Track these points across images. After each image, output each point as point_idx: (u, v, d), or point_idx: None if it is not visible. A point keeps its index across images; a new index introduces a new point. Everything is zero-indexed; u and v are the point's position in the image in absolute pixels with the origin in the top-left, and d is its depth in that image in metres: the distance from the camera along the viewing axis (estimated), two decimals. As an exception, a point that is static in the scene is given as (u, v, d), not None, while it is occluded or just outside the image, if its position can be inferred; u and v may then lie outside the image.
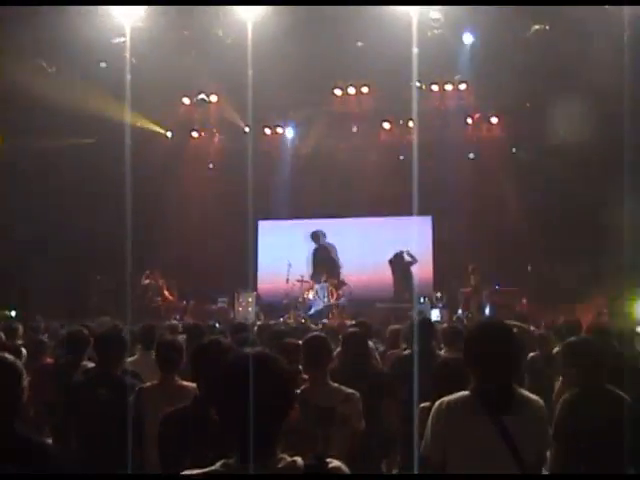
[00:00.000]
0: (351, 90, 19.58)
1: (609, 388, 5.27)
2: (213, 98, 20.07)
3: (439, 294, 19.50)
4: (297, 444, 5.18)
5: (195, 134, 21.77)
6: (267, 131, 21.33)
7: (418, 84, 18.01)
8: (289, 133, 21.53)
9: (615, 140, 16.30)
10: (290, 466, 2.66)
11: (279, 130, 21.41)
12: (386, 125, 20.66)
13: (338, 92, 19.64)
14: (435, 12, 15.45)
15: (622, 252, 15.31)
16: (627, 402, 5.17)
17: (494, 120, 20.20)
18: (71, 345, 7.83)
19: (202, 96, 19.91)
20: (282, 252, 20.49)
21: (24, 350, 9.37)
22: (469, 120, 20.36)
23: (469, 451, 3.86)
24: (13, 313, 17.60)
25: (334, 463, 2.71)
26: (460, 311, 18.10)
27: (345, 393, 5.54)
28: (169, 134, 21.40)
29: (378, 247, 20.22)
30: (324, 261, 20.66)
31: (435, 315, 17.97)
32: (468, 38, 16.77)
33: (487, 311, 18.01)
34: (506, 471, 3.79)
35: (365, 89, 19.53)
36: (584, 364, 5.27)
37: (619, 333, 8.20)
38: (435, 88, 19.19)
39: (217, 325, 12.10)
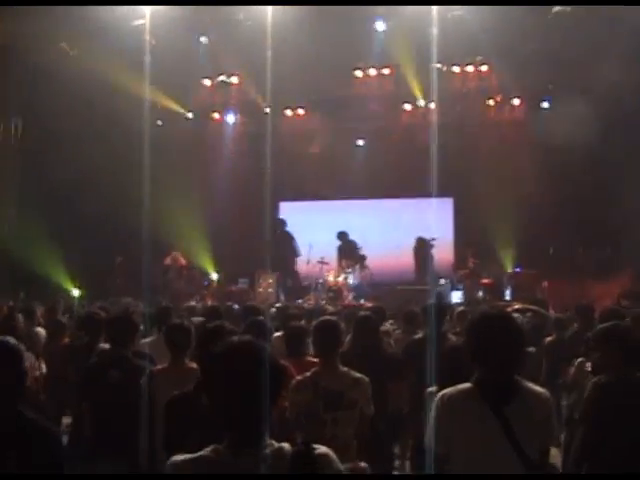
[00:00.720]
0: (372, 72, 19.49)
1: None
2: (234, 80, 20.06)
3: (460, 276, 19.39)
4: (307, 426, 5.31)
5: (216, 116, 21.79)
6: (288, 112, 21.32)
7: (439, 65, 17.95)
8: (310, 115, 21.46)
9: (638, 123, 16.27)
10: (277, 452, 2.71)
11: (300, 111, 21.37)
12: (407, 107, 20.56)
13: (359, 74, 19.56)
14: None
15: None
16: None
17: (516, 102, 20.04)
18: (87, 327, 7.97)
19: (223, 78, 19.90)
20: (303, 233, 20.49)
21: (43, 331, 9.57)
22: (491, 102, 20.21)
23: (471, 444, 3.83)
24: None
25: (321, 449, 2.76)
26: (481, 293, 18.07)
27: (354, 377, 5.58)
28: (190, 115, 21.38)
29: (400, 229, 20.16)
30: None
31: (457, 297, 17.96)
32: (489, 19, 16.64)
33: (507, 294, 17.98)
34: (508, 464, 3.76)
35: (386, 71, 19.43)
36: (619, 350, 5.22)
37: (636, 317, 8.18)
38: (456, 69, 19.03)
39: (236, 307, 12.11)
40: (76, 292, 18.21)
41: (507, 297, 17.71)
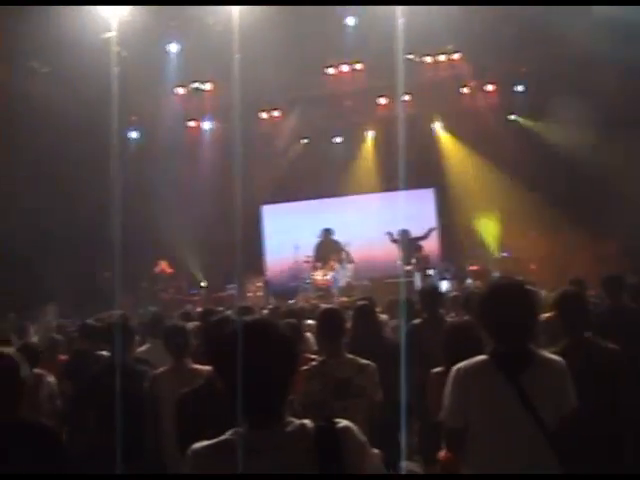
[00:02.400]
0: (344, 68, 19.46)
1: (593, 339, 5.31)
2: (207, 86, 19.99)
3: (447, 265, 19.44)
4: (316, 416, 5.26)
5: (192, 123, 21.70)
6: (263, 115, 21.26)
7: (411, 57, 17.97)
8: (286, 116, 21.43)
9: (608, 104, 16.30)
10: (299, 429, 2.68)
11: (275, 113, 21.33)
12: (382, 100, 20.55)
13: (331, 71, 19.53)
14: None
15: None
16: (616, 351, 5.20)
17: (489, 88, 20.09)
18: (84, 337, 7.92)
19: (196, 85, 19.83)
20: (288, 235, 20.47)
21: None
22: (465, 89, 20.24)
23: (489, 415, 3.82)
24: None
25: (343, 423, 2.75)
26: (469, 281, 18.08)
27: (360, 364, 5.58)
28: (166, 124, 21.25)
29: (382, 223, 20.11)
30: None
31: (444, 287, 17.95)
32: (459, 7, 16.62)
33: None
34: (526, 433, 3.74)
35: (359, 66, 19.40)
36: (569, 315, 5.30)
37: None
38: (428, 60, 19.03)
39: (227, 312, 12.02)
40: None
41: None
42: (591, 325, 5.46)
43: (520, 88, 19.85)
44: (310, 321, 8.40)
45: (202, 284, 20.81)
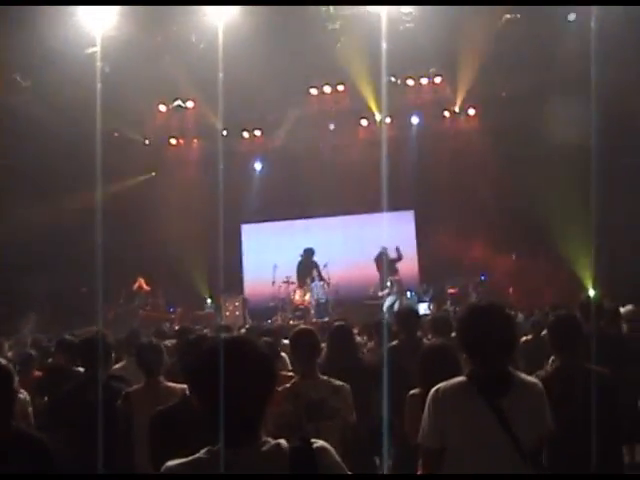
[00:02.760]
0: (327, 89, 19.55)
1: (587, 365, 5.32)
2: (189, 104, 20.01)
3: (425, 287, 19.47)
4: (289, 437, 5.22)
5: (173, 141, 21.69)
6: (245, 134, 21.28)
7: (393, 79, 18.07)
8: (267, 135, 21.46)
9: (591, 128, 16.41)
10: (275, 448, 2.65)
11: (257, 133, 21.36)
12: (364, 122, 20.63)
13: (314, 92, 19.60)
14: (406, 7, 15.44)
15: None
16: (607, 377, 5.21)
17: (471, 112, 20.20)
18: (61, 352, 7.86)
19: (178, 102, 19.84)
20: (267, 254, 20.43)
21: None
22: (446, 113, 20.35)
23: (467, 437, 3.80)
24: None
25: (319, 443, 2.72)
26: (449, 303, 18.12)
27: (334, 386, 5.51)
28: (147, 142, 21.26)
29: (362, 244, 20.16)
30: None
31: (423, 309, 17.96)
32: (441, 30, 16.72)
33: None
34: (505, 455, 3.74)
35: (341, 87, 19.49)
36: (563, 339, 5.32)
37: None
38: (411, 82, 19.14)
39: (204, 330, 11.99)
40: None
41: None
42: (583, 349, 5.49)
43: (501, 111, 19.92)
44: (286, 340, 8.37)
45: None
